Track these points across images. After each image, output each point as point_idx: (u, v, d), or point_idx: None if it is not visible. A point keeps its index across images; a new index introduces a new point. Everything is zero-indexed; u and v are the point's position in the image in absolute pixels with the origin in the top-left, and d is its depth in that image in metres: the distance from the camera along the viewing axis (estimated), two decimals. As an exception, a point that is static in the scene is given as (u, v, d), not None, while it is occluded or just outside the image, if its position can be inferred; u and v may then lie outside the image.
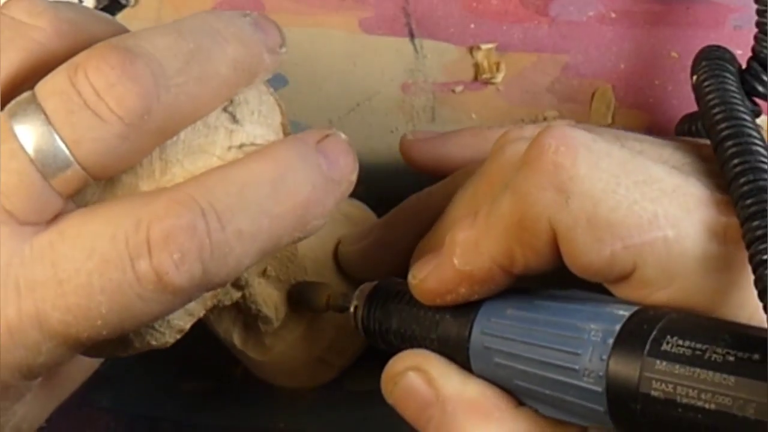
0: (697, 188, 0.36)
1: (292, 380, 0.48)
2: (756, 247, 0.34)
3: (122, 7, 0.50)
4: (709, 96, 0.40)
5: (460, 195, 0.42)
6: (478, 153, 0.45)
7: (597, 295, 0.37)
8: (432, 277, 0.39)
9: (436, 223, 0.43)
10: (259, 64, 0.38)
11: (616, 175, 0.36)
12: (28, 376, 0.36)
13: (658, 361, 0.33)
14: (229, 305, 0.45)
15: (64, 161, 0.35)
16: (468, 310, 0.39)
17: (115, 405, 0.49)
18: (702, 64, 0.43)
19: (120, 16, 0.50)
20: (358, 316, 0.42)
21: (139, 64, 0.35)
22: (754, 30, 0.45)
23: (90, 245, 0.35)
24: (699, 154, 0.39)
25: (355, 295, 0.43)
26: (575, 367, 0.35)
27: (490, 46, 0.51)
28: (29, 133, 0.34)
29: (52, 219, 0.36)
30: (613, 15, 0.51)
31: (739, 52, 0.50)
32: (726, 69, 0.42)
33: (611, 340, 0.34)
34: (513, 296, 0.38)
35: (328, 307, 0.44)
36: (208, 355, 0.51)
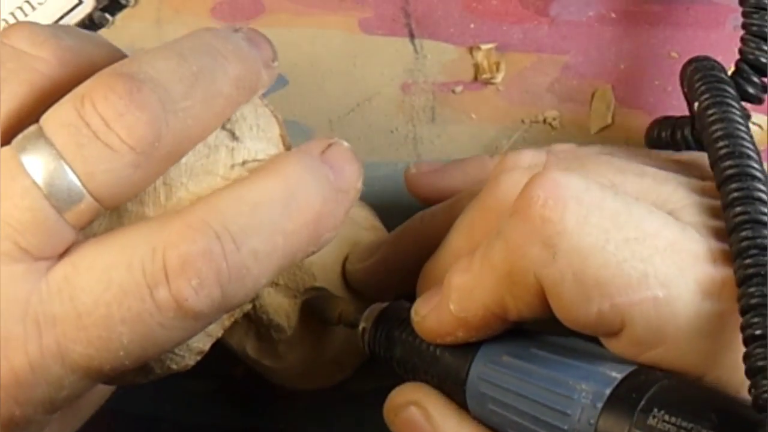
0: (693, 242, 0.35)
1: (308, 383, 0.48)
2: (749, 318, 0.33)
3: (122, 7, 0.50)
4: (715, 128, 0.39)
5: (460, 222, 0.42)
6: (481, 183, 0.45)
7: (594, 348, 0.37)
8: (431, 317, 0.39)
9: (440, 248, 0.43)
10: (258, 80, 0.38)
11: (606, 231, 0.35)
12: (51, 411, 0.36)
13: None
14: (240, 319, 0.45)
15: (78, 194, 0.34)
16: (466, 352, 0.39)
17: (115, 405, 0.49)
18: (700, 87, 0.41)
19: (120, 16, 0.50)
20: (365, 338, 0.43)
21: (145, 91, 0.34)
22: (755, 30, 0.45)
23: (107, 276, 0.34)
24: (702, 191, 0.38)
25: (364, 316, 0.43)
26: (564, 427, 0.35)
27: (490, 46, 0.51)
28: (40, 168, 0.34)
29: (65, 251, 0.35)
30: (613, 15, 0.51)
31: (739, 52, 0.50)
32: (729, 94, 0.41)
33: (600, 405, 0.34)
34: (511, 340, 0.38)
35: (339, 322, 0.44)
36: (208, 355, 0.51)
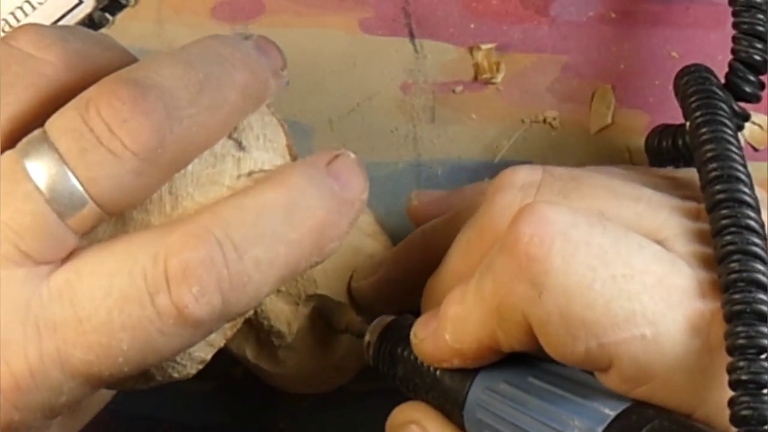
0: (683, 277, 0.35)
1: (308, 388, 0.48)
2: (735, 361, 0.33)
3: (122, 7, 0.50)
4: (706, 148, 0.38)
5: (458, 241, 0.42)
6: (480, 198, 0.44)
7: (591, 379, 0.37)
8: (428, 343, 0.39)
9: (441, 266, 0.42)
10: (266, 89, 0.38)
11: (593, 268, 0.34)
12: (50, 416, 0.36)
13: None
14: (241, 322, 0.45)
15: (80, 200, 0.34)
16: (465, 376, 0.39)
17: (115, 405, 0.49)
18: (693, 102, 0.41)
19: (120, 16, 0.50)
20: (370, 352, 0.43)
21: (150, 98, 0.34)
22: (754, 30, 0.45)
23: (108, 282, 0.34)
24: (697, 215, 0.38)
25: (369, 329, 0.43)
26: None
27: (490, 46, 0.51)
28: (43, 173, 0.34)
29: (67, 256, 0.35)
30: (613, 15, 0.51)
31: (739, 52, 0.50)
32: (721, 110, 0.40)
33: None
34: (509, 367, 0.38)
35: (345, 331, 0.45)
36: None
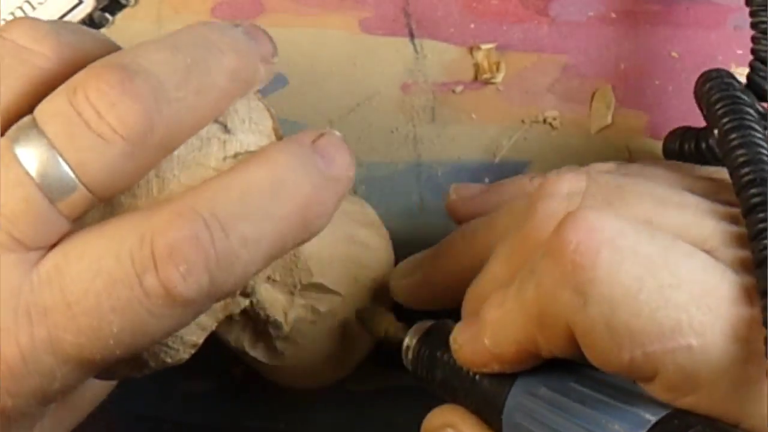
0: (730, 286, 0.35)
1: (306, 382, 0.48)
2: None
3: (122, 6, 0.50)
4: (738, 153, 0.38)
5: (500, 248, 0.41)
6: (520, 199, 0.44)
7: (632, 385, 0.36)
8: (467, 348, 0.39)
9: (482, 271, 0.42)
10: (255, 74, 0.38)
11: (640, 278, 0.34)
12: (43, 402, 0.36)
13: None
14: (238, 316, 0.45)
15: (70, 184, 0.34)
16: (504, 380, 0.39)
17: (115, 405, 0.49)
18: (720, 109, 0.41)
19: (120, 16, 0.50)
20: (408, 357, 0.43)
21: (138, 82, 0.34)
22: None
23: (96, 265, 0.35)
24: (739, 220, 0.37)
25: (410, 333, 0.43)
26: None
27: (490, 46, 0.51)
28: (33, 158, 0.34)
29: (57, 242, 0.35)
30: (613, 15, 0.51)
31: (740, 52, 0.50)
32: (749, 115, 0.40)
33: None
34: (549, 372, 0.38)
35: (384, 337, 0.45)
36: (208, 355, 0.51)
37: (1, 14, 0.49)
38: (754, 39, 0.44)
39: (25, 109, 0.36)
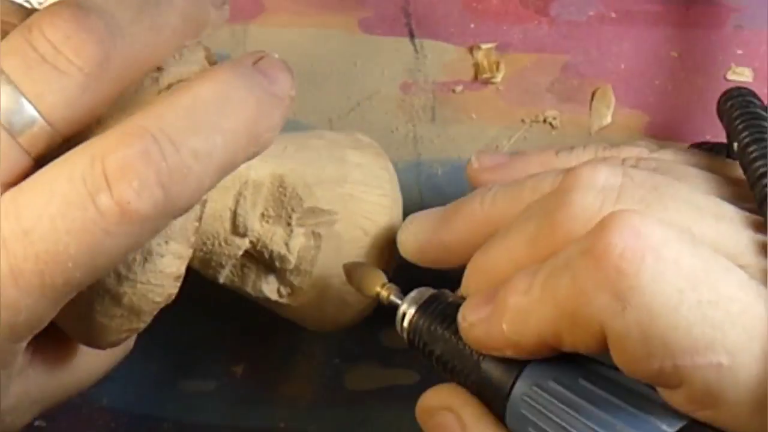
0: (765, 305, 0.34)
1: (321, 322, 0.47)
2: None
3: None
4: (757, 164, 0.39)
5: (523, 226, 0.40)
6: (547, 182, 0.43)
7: (646, 390, 0.36)
8: (480, 329, 0.39)
9: (495, 242, 0.41)
10: (206, 17, 0.39)
11: (681, 290, 0.34)
12: (13, 339, 0.36)
13: None
14: (249, 262, 0.45)
15: (30, 118, 0.35)
16: (511, 368, 0.38)
17: (115, 405, 0.49)
18: (739, 125, 0.41)
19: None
20: (404, 324, 0.41)
21: (92, 17, 0.35)
22: (755, 30, 0.45)
23: (48, 190, 0.35)
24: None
25: (408, 299, 0.42)
26: None
27: (490, 46, 0.51)
28: None
29: (19, 180, 0.36)
30: (613, 15, 0.51)
31: (740, 52, 0.50)
32: (766, 129, 0.40)
33: None
34: (560, 365, 0.37)
35: (376, 298, 0.43)
36: (208, 355, 0.51)
37: (1, 14, 0.49)
38: None
39: None
